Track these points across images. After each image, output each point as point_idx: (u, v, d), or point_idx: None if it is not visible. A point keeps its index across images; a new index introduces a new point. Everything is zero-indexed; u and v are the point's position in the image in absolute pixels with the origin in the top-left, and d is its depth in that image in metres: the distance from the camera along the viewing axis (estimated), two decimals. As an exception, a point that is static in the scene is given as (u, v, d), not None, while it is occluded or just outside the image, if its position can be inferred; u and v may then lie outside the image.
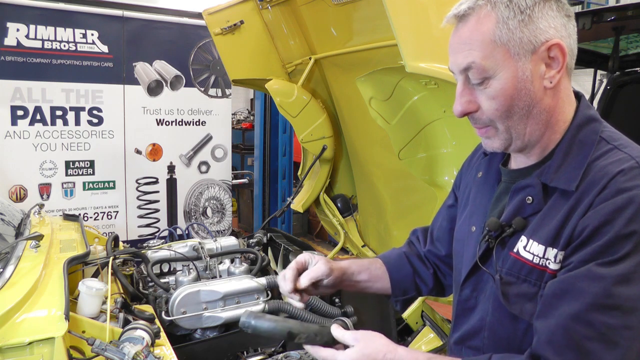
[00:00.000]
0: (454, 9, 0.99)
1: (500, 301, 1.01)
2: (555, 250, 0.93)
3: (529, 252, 0.97)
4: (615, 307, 0.84)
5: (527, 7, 0.92)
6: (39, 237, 1.92)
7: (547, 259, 0.94)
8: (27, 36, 3.93)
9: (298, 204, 3.12)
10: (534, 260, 0.96)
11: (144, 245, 2.55)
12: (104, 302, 1.66)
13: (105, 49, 4.24)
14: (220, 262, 2.48)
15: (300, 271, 1.22)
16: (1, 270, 1.68)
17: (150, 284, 2.28)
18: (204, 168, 4.88)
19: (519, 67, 0.94)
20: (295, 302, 1.22)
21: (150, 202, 4.62)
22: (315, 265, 1.22)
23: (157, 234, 4.51)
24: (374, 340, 1.03)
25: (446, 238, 1.33)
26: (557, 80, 0.95)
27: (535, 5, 0.92)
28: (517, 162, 1.08)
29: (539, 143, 1.01)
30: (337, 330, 1.07)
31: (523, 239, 0.99)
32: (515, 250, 1.00)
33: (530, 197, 1.00)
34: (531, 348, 0.92)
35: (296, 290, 1.20)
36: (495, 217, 1.05)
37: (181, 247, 2.50)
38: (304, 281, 1.19)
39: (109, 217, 4.45)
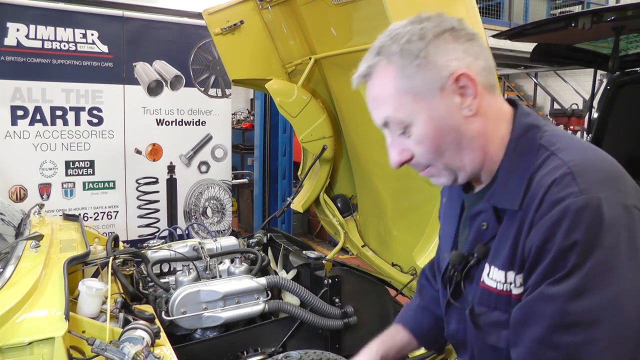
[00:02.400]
0: (357, 71, 1.01)
1: (477, 333, 1.00)
2: (513, 274, 0.92)
3: (492, 279, 0.96)
4: (575, 324, 0.82)
5: (421, 50, 0.92)
6: (39, 237, 1.92)
7: (509, 284, 0.93)
8: (27, 36, 3.93)
9: (298, 204, 3.12)
10: (498, 287, 0.95)
11: (144, 245, 2.55)
12: (104, 302, 1.66)
13: (105, 49, 4.24)
14: (220, 262, 2.48)
15: None
16: (1, 270, 1.68)
17: (150, 284, 2.28)
18: (204, 168, 4.88)
19: (432, 108, 0.93)
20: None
21: (150, 202, 4.62)
22: None
23: (157, 234, 4.51)
24: None
25: None
26: (476, 106, 0.93)
27: (428, 45, 0.92)
28: (475, 185, 1.06)
29: (483, 168, 0.99)
30: None
31: (486, 266, 0.97)
32: (482, 279, 0.98)
33: (484, 223, 0.98)
34: None
35: None
36: (457, 250, 1.04)
37: (181, 247, 2.50)
38: None
39: (109, 217, 4.45)
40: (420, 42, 0.92)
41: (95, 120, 4.29)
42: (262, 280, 2.24)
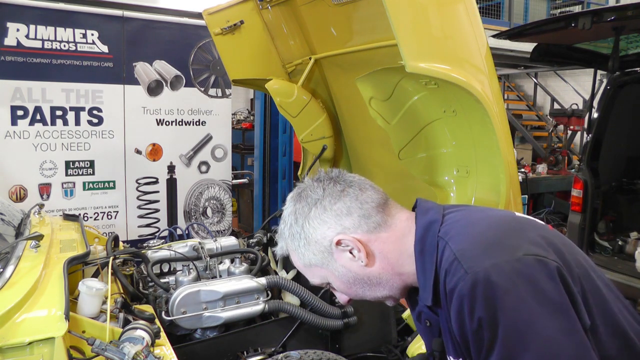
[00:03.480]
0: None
1: None
2: None
3: None
4: None
5: (300, 233, 1.06)
6: (39, 237, 1.92)
7: None
8: (27, 36, 3.93)
9: (298, 204, 3.12)
10: None
11: (144, 245, 2.55)
12: (104, 302, 1.66)
13: (105, 49, 4.24)
14: (220, 262, 2.48)
15: None
16: (1, 270, 1.68)
17: (150, 284, 2.28)
18: (204, 168, 4.88)
19: (333, 269, 1.07)
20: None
21: (150, 202, 4.62)
22: None
23: (157, 234, 4.51)
24: None
25: None
26: (365, 255, 1.03)
27: (302, 227, 1.06)
28: None
29: (410, 283, 1.07)
30: None
31: (450, 358, 1.03)
32: None
33: (427, 321, 1.07)
34: None
35: None
36: (420, 353, 1.16)
37: (181, 247, 2.50)
38: None
39: (109, 217, 4.45)
40: (297, 226, 1.07)
41: (95, 120, 4.29)
42: (262, 280, 2.24)
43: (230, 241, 2.65)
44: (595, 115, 3.97)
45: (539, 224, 1.05)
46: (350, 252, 1.04)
